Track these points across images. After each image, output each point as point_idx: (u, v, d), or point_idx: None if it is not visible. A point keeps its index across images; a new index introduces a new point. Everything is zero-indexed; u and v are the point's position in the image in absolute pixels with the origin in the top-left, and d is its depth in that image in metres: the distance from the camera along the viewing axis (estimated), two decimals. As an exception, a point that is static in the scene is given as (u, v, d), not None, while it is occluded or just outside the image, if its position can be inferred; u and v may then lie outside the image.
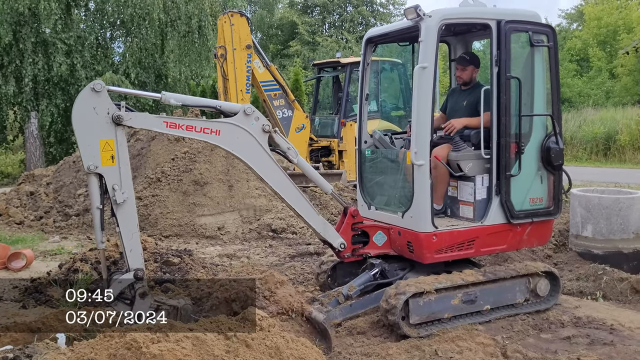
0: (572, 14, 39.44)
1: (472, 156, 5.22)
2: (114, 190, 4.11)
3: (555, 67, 5.31)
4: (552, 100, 5.33)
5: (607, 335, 4.68)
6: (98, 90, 4.09)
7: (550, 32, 5.26)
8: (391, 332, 4.69)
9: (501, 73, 4.98)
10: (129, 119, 4.19)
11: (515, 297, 5.15)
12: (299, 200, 4.89)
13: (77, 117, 4.12)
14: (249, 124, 4.57)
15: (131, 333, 3.13)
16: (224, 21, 12.26)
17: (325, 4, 38.62)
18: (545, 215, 5.36)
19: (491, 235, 5.18)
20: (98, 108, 4.11)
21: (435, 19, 4.83)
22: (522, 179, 5.19)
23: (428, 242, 4.95)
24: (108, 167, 4.12)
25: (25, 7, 15.87)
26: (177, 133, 4.49)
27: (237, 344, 3.25)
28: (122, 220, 4.19)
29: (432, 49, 4.82)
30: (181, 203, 8.91)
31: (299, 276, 6.44)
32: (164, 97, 4.43)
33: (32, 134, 16.29)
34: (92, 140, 4.13)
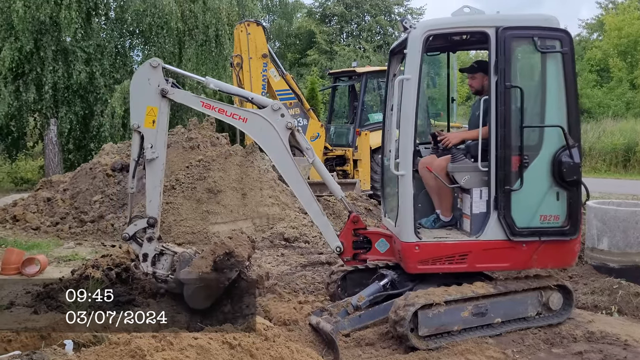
0: (592, 24, 39.04)
1: (469, 168, 5.10)
2: (149, 148, 5.05)
3: (572, 74, 4.95)
4: (568, 110, 4.94)
5: (621, 351, 4.58)
6: (154, 66, 5.05)
7: (565, 37, 4.91)
8: (400, 344, 4.65)
9: (500, 82, 4.83)
10: (172, 94, 5.07)
11: (527, 311, 5.06)
12: (308, 198, 5.20)
13: (134, 84, 5.13)
14: (275, 119, 5.05)
15: (136, 341, 3.15)
16: (240, 30, 12.39)
17: (344, 13, 38.70)
18: (557, 235, 4.98)
19: (488, 252, 4.96)
20: (151, 80, 5.04)
21: (419, 31, 4.84)
22: (528, 194, 4.93)
23: (410, 252, 4.94)
24: (148, 128, 5.07)
25: (46, 15, 16.14)
26: (210, 113, 5.23)
27: (242, 353, 3.25)
28: (149, 174, 5.18)
29: (416, 60, 4.82)
30: (195, 211, 8.96)
31: (309, 285, 6.43)
32: (206, 81, 5.27)
33: (51, 141, 16.53)
34: (141, 104, 5.07)
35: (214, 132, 10.78)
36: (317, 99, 19.23)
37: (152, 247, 5.18)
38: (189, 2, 18.23)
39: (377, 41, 38.33)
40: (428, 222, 5.44)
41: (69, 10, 16.26)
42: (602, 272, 6.84)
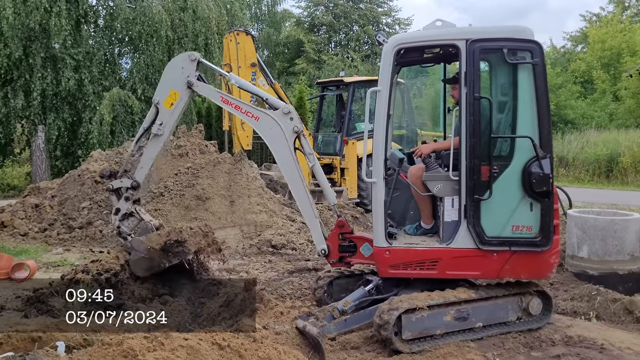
0: (576, 36, 39.69)
1: (441, 177, 5.20)
2: (157, 124, 5.74)
3: (543, 85, 4.95)
4: (540, 122, 4.94)
5: (597, 354, 4.75)
6: (192, 59, 5.73)
7: (536, 49, 4.91)
8: (384, 348, 4.77)
9: (469, 93, 4.91)
10: (197, 87, 5.73)
11: (508, 316, 5.21)
12: (304, 199, 5.55)
13: (170, 66, 5.88)
14: (284, 121, 5.46)
15: (128, 341, 3.24)
16: (229, 39, 12.50)
17: (332, 23, 39.01)
18: (528, 246, 4.99)
19: (458, 259, 5.04)
20: (185, 69, 5.71)
21: (390, 45, 5.03)
22: (498, 204, 4.98)
23: (381, 256, 5.12)
24: (165, 108, 5.74)
25: (36, 22, 16.17)
26: (227, 108, 5.86)
27: (231, 354, 3.36)
28: (150, 146, 5.83)
29: (387, 73, 5.03)
30: (183, 217, 9.05)
31: (296, 291, 6.53)
32: (229, 76, 6.02)
33: (39, 147, 16.51)
34: (167, 86, 5.75)
35: (203, 140, 10.88)
36: (305, 108, 19.37)
37: (126, 205, 5.93)
38: (179, 10, 18.36)
39: (365, 51, 38.64)
40: (411, 229, 5.59)
41: (58, 17, 16.31)
42: (581, 279, 7.00)
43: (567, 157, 21.86)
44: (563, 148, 22.32)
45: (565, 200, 12.44)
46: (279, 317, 5.03)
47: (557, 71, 29.95)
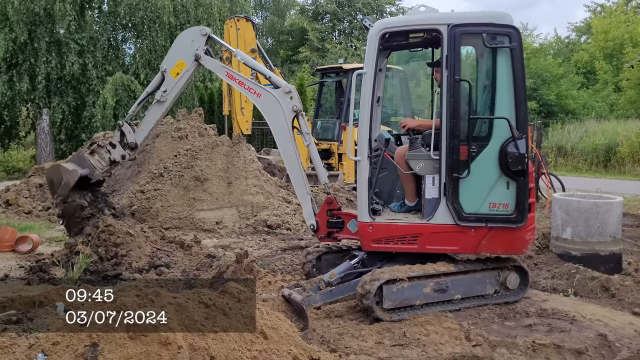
0: (580, 27, 39.65)
1: (423, 156, 5.41)
2: (162, 91, 6.02)
3: (520, 69, 5.15)
4: (516, 104, 5.16)
5: (567, 324, 5.00)
6: (203, 34, 5.98)
7: (514, 33, 5.12)
8: (366, 316, 5.04)
9: (450, 76, 5.12)
10: (204, 60, 5.99)
11: (486, 289, 5.47)
12: (297, 176, 5.81)
13: (181, 37, 6.15)
14: (284, 100, 5.70)
15: (121, 299, 3.51)
16: (230, 25, 12.72)
17: (336, 11, 39.06)
18: (504, 222, 5.22)
19: (437, 235, 5.28)
20: (195, 42, 5.96)
21: (376, 29, 5.25)
22: (476, 182, 5.19)
23: (364, 231, 5.37)
24: (171, 76, 6.01)
25: (40, 7, 16.42)
26: (231, 83, 6.06)
27: (216, 312, 3.62)
28: (152, 111, 6.20)
29: (372, 56, 5.25)
30: (182, 197, 9.31)
31: (287, 267, 6.81)
32: (235, 52, 6.27)
33: (44, 130, 16.81)
34: (176, 55, 6.04)
35: (202, 123, 11.13)
36: (305, 95, 19.57)
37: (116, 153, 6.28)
38: (182, -4, 18.59)
39: (368, 39, 38.69)
40: (395, 207, 5.83)
41: (63, 2, 16.57)
42: (565, 259, 7.25)
43: (565, 146, 22.00)
44: (562, 138, 22.47)
45: (559, 187, 12.74)
46: (267, 286, 5.31)
47: (558, 61, 29.99)
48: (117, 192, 10.11)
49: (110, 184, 10.32)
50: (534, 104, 26.42)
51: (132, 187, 9.65)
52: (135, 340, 3.24)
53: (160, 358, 3.18)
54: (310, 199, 5.82)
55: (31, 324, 3.86)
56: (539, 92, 27.26)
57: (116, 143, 6.24)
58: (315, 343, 4.33)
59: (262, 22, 38.91)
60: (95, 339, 3.23)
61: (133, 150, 6.32)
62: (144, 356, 3.17)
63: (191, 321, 3.46)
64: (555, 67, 28.89)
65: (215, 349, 3.37)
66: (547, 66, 28.23)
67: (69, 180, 6.12)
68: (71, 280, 5.54)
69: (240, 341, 3.51)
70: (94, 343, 3.21)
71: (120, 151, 6.24)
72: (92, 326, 3.32)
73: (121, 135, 6.24)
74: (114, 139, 6.28)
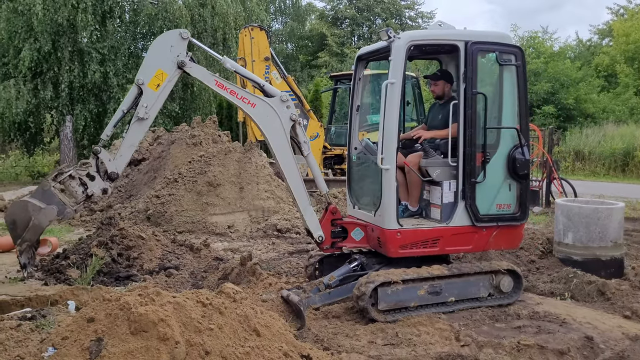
0: (602, 29, 39.28)
1: (440, 163, 5.74)
2: (143, 107, 5.15)
3: (524, 84, 5.74)
4: (520, 114, 5.76)
5: (556, 326, 5.16)
6: (184, 37, 5.22)
7: (518, 52, 5.72)
8: (362, 317, 5.26)
9: (467, 89, 5.52)
10: (189, 67, 5.24)
11: (479, 292, 5.66)
12: (298, 187, 5.69)
13: (157, 44, 5.30)
14: (281, 109, 5.46)
15: (125, 297, 3.80)
16: (244, 34, 13.09)
17: (355, 16, 39.36)
18: (511, 221, 5.81)
19: (456, 236, 5.67)
20: (174, 47, 5.19)
21: (404, 41, 5.44)
22: (488, 186, 5.68)
23: (393, 238, 5.53)
24: (150, 89, 5.16)
25: (64, 18, 16.98)
26: (221, 92, 5.40)
27: (212, 310, 3.89)
28: (132, 132, 5.26)
29: (400, 66, 5.43)
30: (195, 202, 9.65)
31: (293, 269, 7.07)
32: (223, 60, 5.50)
33: (67, 137, 17.37)
34: (154, 65, 5.18)
35: (216, 130, 11.47)
36: (320, 101, 19.85)
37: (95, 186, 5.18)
38: (199, 6, 19.01)
39: (387, 45, 38.80)
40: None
41: (85, 13, 17.10)
42: (566, 264, 7.35)
43: (583, 150, 21.92)
44: (580, 142, 22.38)
45: (571, 192, 12.80)
46: (268, 287, 5.56)
47: (577, 65, 29.79)
48: (133, 196, 10.49)
49: (128, 189, 10.72)
50: (552, 108, 26.32)
51: (148, 192, 10.01)
52: (137, 335, 3.51)
53: (159, 352, 3.44)
54: (313, 211, 5.83)
55: (44, 320, 4.18)
56: (557, 96, 27.13)
57: (95, 174, 5.15)
58: (310, 341, 4.56)
59: (282, 27, 39.41)
60: (100, 334, 3.52)
61: (114, 181, 5.30)
62: (144, 350, 3.44)
63: (188, 319, 3.72)
64: (574, 70, 28.71)
65: (210, 344, 3.62)
66: (566, 70, 28.07)
67: (42, 222, 5.03)
68: (85, 281, 5.86)
69: (234, 338, 3.76)
70: (98, 338, 3.49)
71: (100, 184, 5.16)
72: (97, 322, 3.62)
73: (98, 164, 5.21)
74: (92, 169, 5.17)
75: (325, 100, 20.84)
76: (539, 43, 32.08)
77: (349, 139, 6.53)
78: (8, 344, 3.81)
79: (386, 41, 5.49)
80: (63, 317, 4.21)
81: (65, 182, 5.15)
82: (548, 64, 28.22)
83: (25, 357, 3.56)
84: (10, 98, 17.27)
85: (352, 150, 6.50)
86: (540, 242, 8.14)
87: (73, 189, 5.15)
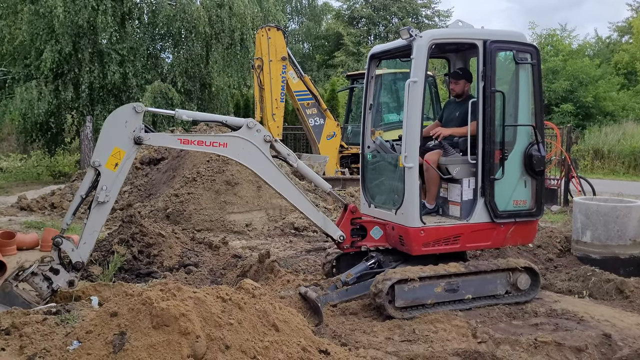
0: (622, 26, 38.80)
1: (459, 161, 5.80)
2: (102, 190, 4.89)
3: (539, 82, 5.82)
4: (535, 112, 5.84)
5: (574, 324, 5.15)
6: (138, 111, 4.94)
7: (534, 51, 5.79)
8: (379, 314, 5.29)
9: (486, 87, 5.56)
10: (148, 139, 4.99)
11: (497, 289, 5.67)
12: (300, 199, 5.63)
13: (109, 122, 4.99)
14: (252, 136, 5.23)
15: (147, 292, 3.89)
16: (261, 34, 13.19)
17: (371, 15, 39.31)
18: (527, 216, 5.88)
19: (475, 233, 5.73)
20: (129, 123, 4.92)
21: (426, 39, 5.46)
22: (506, 183, 5.73)
23: (416, 236, 5.55)
24: (109, 170, 4.90)
25: (84, 20, 17.26)
26: (190, 148, 5.27)
27: (232, 306, 3.96)
28: (93, 217, 4.98)
29: (422, 65, 5.45)
30: (213, 201, 9.76)
31: (310, 267, 7.12)
32: (177, 114, 5.19)
33: (87, 137, 17.62)
34: (109, 144, 4.92)
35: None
36: (337, 100, 19.90)
37: (63, 279, 4.94)
38: (216, 7, 19.18)
39: (403, 44, 38.70)
40: None
41: (105, 15, 17.37)
42: (585, 262, 7.34)
43: (602, 149, 21.70)
44: (599, 140, 22.16)
45: (589, 190, 12.70)
46: (286, 284, 5.63)
47: (596, 63, 29.48)
48: (153, 195, 10.63)
49: (147, 188, 10.87)
50: (570, 106, 26.07)
51: (167, 191, 10.15)
52: (158, 329, 3.59)
53: (180, 346, 3.52)
54: (324, 215, 5.82)
55: (68, 315, 4.29)
56: (576, 94, 26.87)
57: (59, 267, 4.89)
58: (327, 337, 4.62)
59: (298, 27, 39.52)
60: (123, 328, 3.61)
61: (79, 271, 5.00)
62: (166, 344, 3.52)
63: (209, 313, 3.80)
64: (593, 68, 28.42)
65: (230, 339, 3.69)
66: (584, 68, 27.80)
67: None
68: (107, 278, 5.98)
69: (253, 332, 3.83)
70: (121, 332, 3.58)
71: (65, 276, 4.90)
72: (120, 316, 3.71)
73: (60, 255, 4.93)
74: (54, 262, 4.90)
75: (342, 99, 20.87)
76: (557, 41, 31.81)
77: (363, 137, 6.56)
78: (34, 338, 3.92)
79: (407, 40, 5.49)
80: (87, 312, 4.32)
81: (28, 280, 4.88)
82: (566, 62, 27.97)
83: (51, 350, 3.66)
84: (32, 99, 17.61)
85: (365, 149, 6.51)
86: (558, 240, 8.12)
87: (37, 285, 4.90)
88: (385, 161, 6.25)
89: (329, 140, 13.88)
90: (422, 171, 5.86)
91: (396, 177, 5.93)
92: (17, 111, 18.03)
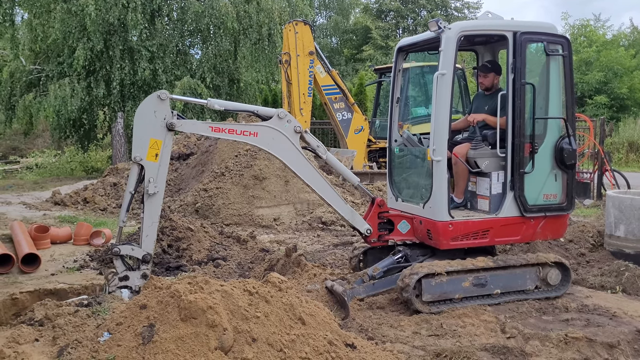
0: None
1: (488, 154, 5.73)
2: (149, 182, 4.92)
3: (570, 74, 5.71)
4: (567, 105, 5.74)
5: (606, 320, 5.05)
6: (163, 99, 4.94)
7: (565, 42, 5.68)
8: (406, 308, 5.27)
9: (516, 79, 5.46)
10: (180, 125, 5.02)
11: (526, 284, 5.58)
12: (329, 192, 5.61)
13: (139, 115, 5.00)
14: (283, 126, 5.24)
15: (175, 285, 3.95)
16: (289, 29, 13.21)
17: (399, 9, 39.04)
18: (558, 211, 5.79)
19: (505, 227, 5.65)
20: (158, 112, 4.95)
21: (454, 31, 5.39)
22: (536, 176, 5.64)
23: (444, 230, 5.50)
24: (150, 162, 4.94)
25: (115, 18, 17.55)
26: (221, 136, 5.29)
27: (259, 299, 3.99)
28: (148, 209, 5.01)
29: (451, 57, 5.39)
30: (242, 195, 9.83)
31: (337, 261, 7.12)
32: (209, 102, 5.21)
33: (118, 133, 17.95)
34: (144, 137, 4.95)
35: (262, 124, 11.62)
36: (365, 94, 19.82)
37: (138, 281, 4.98)
38: (244, 3, 19.29)
39: (432, 36, 38.34)
40: None
41: (135, 12, 17.63)
42: (618, 257, 7.19)
43: (637, 141, 21.16)
44: (634, 132, 21.63)
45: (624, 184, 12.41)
46: (312, 278, 5.64)
47: (631, 53, 28.72)
48: (182, 190, 10.77)
49: (177, 183, 11.01)
50: (604, 98, 25.48)
51: (196, 186, 10.26)
52: (186, 322, 3.64)
53: (208, 338, 3.56)
54: (351, 208, 5.78)
55: (99, 307, 4.38)
56: (610, 86, 26.24)
57: (127, 273, 4.97)
58: (354, 331, 4.62)
59: (326, 21, 39.45)
60: (152, 320, 3.67)
61: (149, 263, 5.06)
62: (194, 336, 3.57)
63: (236, 306, 3.83)
64: (628, 59, 27.70)
65: (257, 332, 3.73)
66: (619, 58, 27.11)
67: None
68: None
69: (280, 326, 3.86)
70: (150, 324, 3.64)
71: (137, 274, 4.98)
72: (149, 309, 3.77)
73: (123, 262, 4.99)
74: (119, 269, 4.97)
75: (370, 93, 20.79)
76: (591, 31, 31.07)
77: (390, 131, 6.51)
78: (66, 329, 4.02)
79: (435, 32, 5.43)
80: (117, 304, 4.40)
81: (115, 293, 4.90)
82: (600, 53, 27.31)
83: (82, 341, 3.75)
84: (66, 96, 17.99)
85: (393, 143, 6.47)
86: (590, 235, 7.97)
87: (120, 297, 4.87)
88: (412, 155, 6.21)
89: (356, 134, 13.84)
90: (450, 165, 5.81)
91: (424, 171, 5.90)
92: (51, 108, 18.42)
